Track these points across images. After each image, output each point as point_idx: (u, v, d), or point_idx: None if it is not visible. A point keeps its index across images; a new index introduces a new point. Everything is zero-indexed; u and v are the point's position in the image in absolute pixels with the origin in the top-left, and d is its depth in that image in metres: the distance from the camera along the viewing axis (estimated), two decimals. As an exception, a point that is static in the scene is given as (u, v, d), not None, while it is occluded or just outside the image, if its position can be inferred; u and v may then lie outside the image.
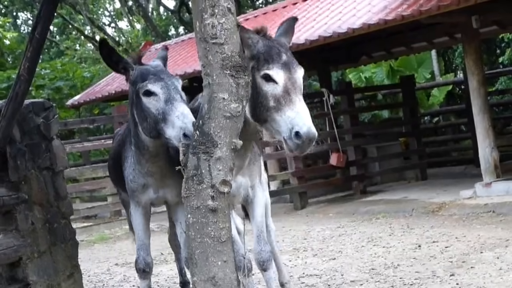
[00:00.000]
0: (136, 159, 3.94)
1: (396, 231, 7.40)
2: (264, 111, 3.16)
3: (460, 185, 9.58)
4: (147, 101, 3.61)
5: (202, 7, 2.98)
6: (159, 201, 4.14)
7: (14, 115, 3.59)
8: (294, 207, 10.60)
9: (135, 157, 3.95)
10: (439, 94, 15.67)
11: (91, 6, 27.03)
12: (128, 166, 4.06)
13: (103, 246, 9.23)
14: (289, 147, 3.10)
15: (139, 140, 3.84)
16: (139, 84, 3.66)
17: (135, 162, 3.97)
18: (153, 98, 3.60)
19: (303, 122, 3.03)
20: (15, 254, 3.64)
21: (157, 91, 3.60)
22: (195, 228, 3.03)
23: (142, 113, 3.67)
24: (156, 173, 3.95)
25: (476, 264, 5.30)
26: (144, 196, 4.06)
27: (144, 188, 4.02)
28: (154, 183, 3.99)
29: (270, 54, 3.18)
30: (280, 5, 13.45)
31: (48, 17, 3.39)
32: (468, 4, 7.79)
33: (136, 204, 4.17)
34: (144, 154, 3.86)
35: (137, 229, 4.25)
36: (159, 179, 3.98)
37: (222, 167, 3.02)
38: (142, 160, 3.90)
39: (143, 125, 3.70)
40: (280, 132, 3.12)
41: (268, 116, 3.16)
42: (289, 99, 3.09)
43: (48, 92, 17.88)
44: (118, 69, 3.79)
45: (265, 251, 3.90)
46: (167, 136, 3.53)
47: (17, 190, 3.71)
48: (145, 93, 3.62)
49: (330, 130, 11.07)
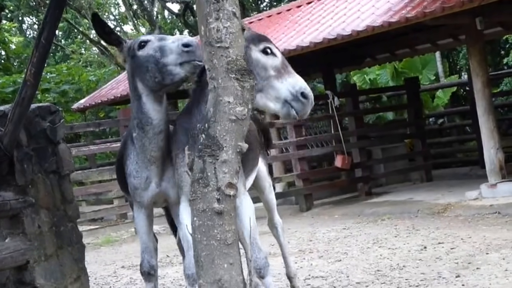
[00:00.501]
0: (139, 146, 3.94)
1: (401, 232, 7.40)
2: (261, 80, 3.43)
3: (465, 186, 9.57)
4: (143, 51, 3.79)
5: (207, 11, 3.00)
6: (161, 197, 4.14)
7: (21, 120, 3.62)
8: (299, 209, 10.61)
9: (137, 145, 3.96)
10: (443, 96, 15.65)
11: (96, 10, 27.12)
12: (130, 163, 4.08)
13: (109, 248, 9.26)
14: (293, 109, 3.41)
15: (143, 116, 3.85)
16: (133, 44, 3.85)
17: (138, 153, 3.98)
18: (147, 45, 3.78)
19: (305, 85, 3.45)
20: (22, 257, 3.66)
21: (149, 38, 3.83)
22: (201, 230, 3.05)
23: (143, 67, 3.79)
24: (157, 160, 3.95)
25: (482, 265, 5.30)
26: (147, 193, 4.07)
27: (147, 183, 4.03)
28: (156, 175, 4.01)
29: (264, 36, 3.66)
30: (284, 8, 13.49)
31: (54, 22, 3.42)
32: (472, 6, 7.80)
33: (139, 206, 4.19)
34: (147, 132, 3.86)
35: (141, 232, 4.26)
36: (160, 168, 3.99)
37: (228, 170, 3.04)
38: (146, 141, 3.89)
39: (146, 79, 3.79)
40: (280, 96, 3.43)
41: (266, 85, 3.45)
42: (287, 69, 3.49)
43: (54, 96, 17.95)
44: (111, 40, 3.95)
45: (260, 258, 3.91)
46: (171, 64, 3.68)
47: (24, 194, 3.74)
48: (140, 46, 3.80)
49: (335, 132, 11.08)
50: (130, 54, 3.87)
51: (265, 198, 4.72)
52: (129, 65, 3.91)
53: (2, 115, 3.70)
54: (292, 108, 3.41)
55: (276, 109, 3.47)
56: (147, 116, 3.85)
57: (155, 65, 3.72)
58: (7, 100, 15.86)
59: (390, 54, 12.88)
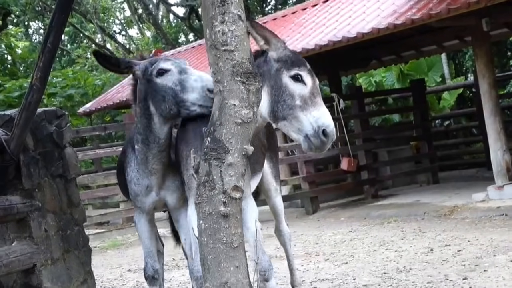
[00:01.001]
0: (141, 158, 3.95)
1: (408, 235, 7.38)
2: (287, 109, 3.34)
3: (472, 188, 9.53)
4: (161, 79, 3.73)
5: (212, 14, 3.00)
6: (160, 203, 4.14)
7: (27, 124, 3.63)
8: (305, 211, 10.60)
9: (139, 157, 3.96)
10: (450, 98, 15.60)
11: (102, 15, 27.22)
12: (130, 170, 4.08)
13: (115, 252, 9.27)
14: (312, 144, 3.30)
15: (151, 134, 3.85)
16: (150, 68, 3.77)
17: (138, 163, 3.99)
18: (167, 75, 3.72)
19: (329, 121, 3.29)
20: (29, 261, 3.67)
21: (169, 67, 3.74)
22: (207, 234, 3.05)
23: (159, 95, 3.74)
24: (158, 171, 3.96)
25: (489, 267, 5.27)
26: (148, 199, 4.08)
27: (148, 190, 4.04)
28: (156, 184, 4.02)
29: (299, 59, 3.47)
30: (289, 10, 13.50)
31: (60, 26, 3.43)
32: (478, 7, 7.77)
33: (140, 212, 4.20)
34: (152, 149, 3.87)
35: (143, 237, 4.26)
36: (160, 178, 4.00)
37: (234, 173, 3.04)
38: (149, 155, 3.90)
39: (161, 108, 3.75)
40: (302, 129, 3.31)
41: (290, 114, 3.33)
42: (314, 100, 3.34)
43: (60, 100, 18.01)
44: (121, 69, 3.87)
45: (264, 260, 3.90)
46: (190, 102, 3.63)
47: (30, 198, 3.75)
48: (158, 73, 3.74)
49: (341, 134, 11.04)
50: (145, 77, 3.81)
51: (271, 203, 4.65)
52: (143, 86, 3.84)
53: (8, 119, 3.72)
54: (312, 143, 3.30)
55: (298, 140, 3.40)
56: (155, 135, 3.86)
57: (173, 98, 3.69)
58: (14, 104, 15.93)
59: (395, 56, 12.86)
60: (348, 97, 11.86)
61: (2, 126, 3.72)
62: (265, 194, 4.62)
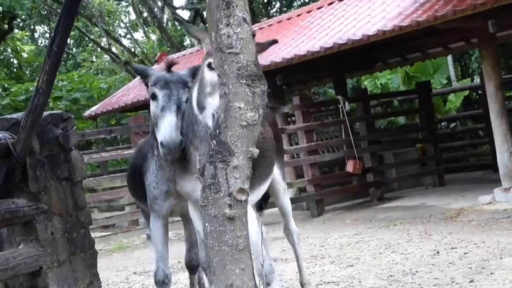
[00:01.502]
0: (159, 164, 4.06)
1: (414, 237, 7.36)
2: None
3: (478, 190, 9.50)
4: (152, 104, 3.94)
5: (218, 17, 3.01)
6: (178, 208, 4.19)
7: (34, 127, 3.65)
8: (311, 214, 10.58)
9: (157, 163, 4.07)
10: (455, 100, 15.56)
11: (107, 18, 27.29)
12: (150, 174, 4.15)
13: (121, 255, 9.29)
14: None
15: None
16: (150, 88, 3.98)
17: (157, 168, 4.08)
18: (155, 102, 3.91)
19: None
20: (36, 263, 3.68)
21: (159, 97, 3.89)
22: (213, 236, 3.05)
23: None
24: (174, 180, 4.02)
25: (496, 270, 5.25)
26: (166, 203, 4.13)
27: (167, 196, 4.10)
28: (174, 190, 4.07)
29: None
30: (294, 13, 13.49)
31: (66, 30, 3.44)
32: (484, 9, 7.75)
33: (156, 216, 4.22)
34: (168, 161, 3.96)
35: (156, 241, 4.29)
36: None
37: (239, 175, 3.04)
38: (165, 165, 4.01)
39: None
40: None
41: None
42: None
43: (66, 103, 18.09)
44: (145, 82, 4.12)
45: (266, 264, 3.91)
46: (158, 140, 3.81)
47: (37, 201, 3.76)
48: (152, 96, 3.93)
49: (346, 137, 11.05)
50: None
51: (279, 202, 4.73)
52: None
53: (15, 122, 3.74)
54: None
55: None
56: None
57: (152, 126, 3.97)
58: (20, 108, 16.00)
59: (401, 58, 12.84)
60: (353, 99, 11.85)
61: (8, 129, 3.74)
62: (274, 194, 4.67)
